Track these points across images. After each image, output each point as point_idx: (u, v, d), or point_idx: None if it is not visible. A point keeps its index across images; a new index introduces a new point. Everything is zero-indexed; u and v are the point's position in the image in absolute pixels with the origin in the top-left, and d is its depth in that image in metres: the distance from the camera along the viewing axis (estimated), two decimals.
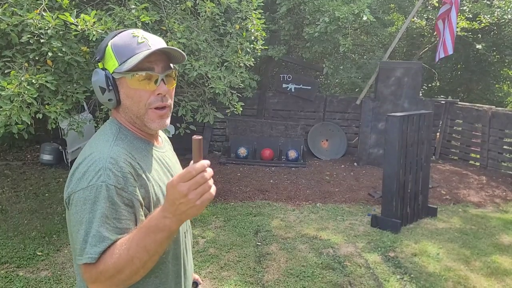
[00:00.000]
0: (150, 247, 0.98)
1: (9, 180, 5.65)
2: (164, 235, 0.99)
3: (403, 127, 4.56)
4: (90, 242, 1.01)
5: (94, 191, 1.03)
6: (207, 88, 4.46)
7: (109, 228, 1.02)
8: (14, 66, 3.32)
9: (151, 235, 0.98)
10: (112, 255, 1.00)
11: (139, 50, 1.13)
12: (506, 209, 5.39)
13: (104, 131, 1.19)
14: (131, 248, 0.99)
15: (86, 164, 1.07)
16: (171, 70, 1.20)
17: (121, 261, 0.99)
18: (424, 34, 9.31)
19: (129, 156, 1.11)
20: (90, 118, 4.94)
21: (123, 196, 1.05)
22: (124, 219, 1.04)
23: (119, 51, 1.14)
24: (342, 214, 5.01)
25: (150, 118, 1.17)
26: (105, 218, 1.02)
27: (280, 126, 7.45)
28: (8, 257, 3.70)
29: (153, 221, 0.99)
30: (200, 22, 4.42)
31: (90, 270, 1.01)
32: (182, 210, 0.96)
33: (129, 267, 0.99)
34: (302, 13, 7.22)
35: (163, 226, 0.98)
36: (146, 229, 1.00)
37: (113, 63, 1.14)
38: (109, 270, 0.99)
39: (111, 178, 1.04)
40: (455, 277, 3.62)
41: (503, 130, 6.77)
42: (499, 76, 9.83)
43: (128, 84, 1.14)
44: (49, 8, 3.38)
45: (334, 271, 3.62)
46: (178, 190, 0.94)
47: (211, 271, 3.59)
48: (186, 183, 0.94)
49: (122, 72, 1.13)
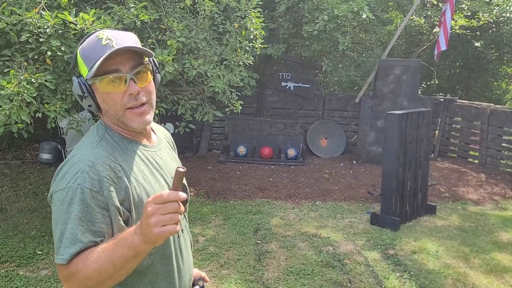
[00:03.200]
0: (116, 261, 1.00)
1: (8, 179, 5.65)
2: (131, 253, 0.99)
3: (402, 125, 4.57)
4: (64, 243, 1.04)
5: (71, 193, 1.05)
6: (206, 87, 4.46)
7: (83, 230, 1.04)
8: (13, 65, 3.32)
9: (120, 249, 0.99)
10: (84, 261, 1.02)
11: (103, 53, 1.10)
12: (505, 206, 5.41)
13: (91, 133, 1.21)
14: (100, 258, 1.01)
15: (68, 165, 1.11)
16: (142, 66, 1.16)
17: (90, 269, 1.01)
18: (422, 32, 9.31)
19: (110, 158, 1.12)
20: (89, 117, 4.93)
21: (98, 199, 1.06)
22: (98, 222, 1.06)
23: (87, 56, 1.13)
24: (342, 212, 5.03)
25: (129, 118, 1.16)
26: (79, 221, 1.04)
27: (279, 125, 7.46)
28: (8, 256, 3.70)
29: (125, 235, 1.01)
30: (199, 20, 4.41)
31: (63, 270, 1.05)
32: (145, 231, 0.95)
33: (96, 277, 1.01)
34: (301, 11, 7.22)
35: (130, 243, 0.98)
36: (117, 242, 1.01)
37: (84, 69, 1.14)
38: (79, 274, 1.02)
39: (86, 181, 1.06)
40: (455, 274, 3.63)
41: (502, 128, 6.78)
42: (497, 73, 9.85)
43: (99, 88, 1.14)
44: (48, 7, 3.38)
45: (334, 269, 3.63)
46: (146, 209, 0.94)
47: (211, 269, 3.59)
48: (155, 206, 0.93)
49: (91, 78, 1.13)
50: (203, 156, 7.19)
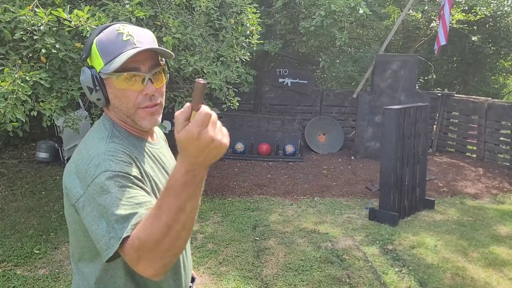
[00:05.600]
0: (185, 206, 0.90)
1: (5, 179, 5.62)
2: (198, 187, 0.92)
3: (400, 120, 4.56)
4: (116, 227, 0.95)
5: (100, 182, 1.00)
6: None
7: (128, 207, 0.97)
8: (8, 63, 3.29)
9: (183, 195, 0.90)
10: (144, 229, 0.91)
11: (125, 49, 1.08)
12: (503, 200, 5.41)
13: (98, 128, 1.16)
14: (163, 214, 0.89)
15: (85, 162, 1.05)
16: (159, 67, 1.15)
17: (155, 231, 0.89)
18: (420, 26, 9.29)
19: (126, 152, 1.10)
20: (86, 115, 4.91)
21: (128, 178, 1.02)
22: (138, 196, 1.01)
23: (104, 49, 1.10)
24: (340, 207, 5.02)
25: (140, 116, 1.14)
26: (119, 202, 0.97)
27: (277, 121, 7.45)
28: (6, 256, 3.68)
29: (173, 182, 0.90)
30: (195, 16, 4.38)
31: (128, 252, 0.93)
32: (213, 154, 0.87)
33: (167, 235, 0.90)
34: (298, 7, 7.19)
35: (192, 177, 0.90)
36: (167, 192, 0.91)
37: (99, 62, 1.11)
38: (147, 243, 0.90)
39: (112, 166, 1.02)
40: (453, 268, 3.63)
41: (500, 122, 6.78)
42: (495, 68, 9.85)
43: (115, 84, 1.11)
44: (42, 4, 3.35)
45: (333, 265, 3.63)
46: (204, 137, 0.84)
47: (209, 266, 3.59)
48: (209, 127, 0.85)
49: (108, 73, 1.09)
50: None
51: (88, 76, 1.12)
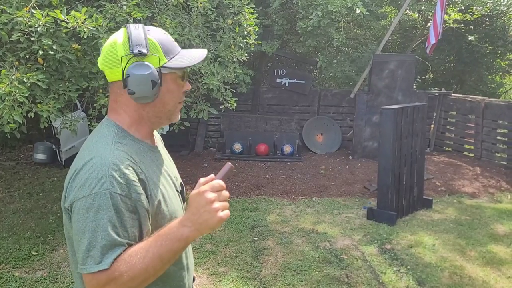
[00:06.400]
0: (164, 256, 1.01)
1: (2, 180, 5.60)
2: (181, 245, 1.02)
3: (397, 119, 4.57)
4: (96, 250, 0.99)
5: (98, 199, 1.01)
6: (200, 84, 4.44)
7: (118, 234, 1.02)
8: (5, 65, 3.28)
9: (168, 244, 1.01)
10: (125, 263, 1.00)
11: (178, 49, 1.18)
12: (500, 199, 5.43)
13: (101, 133, 1.15)
14: (146, 257, 1.00)
15: (87, 170, 1.04)
16: None
17: (135, 269, 1.00)
18: (417, 26, 9.32)
19: (131, 160, 1.08)
20: (83, 116, 4.90)
21: (127, 203, 1.03)
22: (129, 227, 1.04)
23: (166, 47, 1.15)
24: (338, 207, 5.03)
25: (178, 111, 1.24)
26: (112, 226, 1.01)
27: (275, 121, 7.45)
28: (3, 258, 3.67)
29: (169, 231, 1.02)
30: (192, 17, 4.39)
31: (100, 276, 0.99)
32: (204, 218, 1.00)
33: (142, 276, 1.01)
34: (295, 7, 7.19)
35: (180, 235, 1.01)
36: (160, 238, 1.02)
37: (160, 58, 1.13)
38: (123, 277, 0.99)
39: (114, 185, 1.02)
40: (451, 267, 3.64)
41: (497, 121, 6.81)
42: (491, 67, 9.87)
43: (173, 80, 1.17)
44: (39, 6, 3.34)
45: (331, 265, 3.64)
46: (205, 197, 1.01)
47: (208, 267, 3.58)
48: (215, 193, 1.02)
49: (173, 68, 1.15)
50: (199, 154, 7.17)
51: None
